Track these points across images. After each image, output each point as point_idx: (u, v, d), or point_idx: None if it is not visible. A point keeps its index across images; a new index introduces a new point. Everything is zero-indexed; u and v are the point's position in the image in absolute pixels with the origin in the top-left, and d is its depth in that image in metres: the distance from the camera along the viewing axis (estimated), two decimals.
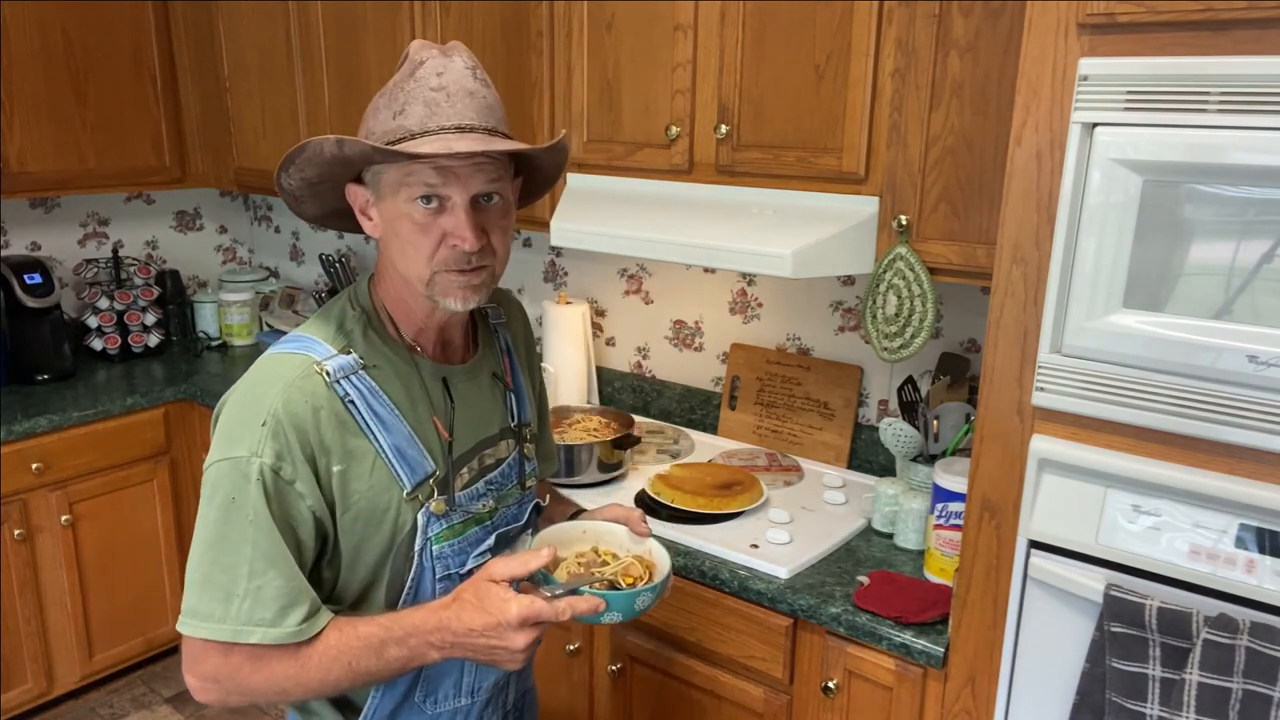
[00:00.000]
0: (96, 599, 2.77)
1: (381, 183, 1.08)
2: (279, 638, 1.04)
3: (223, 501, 1.04)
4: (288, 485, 1.05)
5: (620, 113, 2.06)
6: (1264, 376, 1.12)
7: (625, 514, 1.23)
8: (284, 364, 1.09)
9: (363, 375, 1.11)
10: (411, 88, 1.05)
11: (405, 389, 1.14)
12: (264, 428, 1.04)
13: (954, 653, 1.48)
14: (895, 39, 1.66)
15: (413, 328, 1.17)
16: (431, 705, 1.21)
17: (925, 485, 1.85)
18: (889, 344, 1.79)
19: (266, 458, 1.03)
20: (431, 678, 1.19)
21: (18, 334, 2.83)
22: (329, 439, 1.07)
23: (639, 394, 2.63)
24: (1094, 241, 1.21)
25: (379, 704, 1.18)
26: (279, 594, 1.04)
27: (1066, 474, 1.30)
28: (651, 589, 1.11)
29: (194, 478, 2.97)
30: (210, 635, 1.04)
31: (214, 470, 1.06)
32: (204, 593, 1.04)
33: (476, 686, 1.23)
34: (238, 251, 3.71)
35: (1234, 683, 1.14)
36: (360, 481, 1.09)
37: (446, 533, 1.16)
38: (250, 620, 1.03)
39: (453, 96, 1.05)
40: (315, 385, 1.07)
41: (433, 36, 2.37)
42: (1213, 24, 1.12)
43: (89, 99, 2.82)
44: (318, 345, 1.11)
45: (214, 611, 1.04)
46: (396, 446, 1.11)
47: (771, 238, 1.68)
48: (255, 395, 1.07)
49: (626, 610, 1.09)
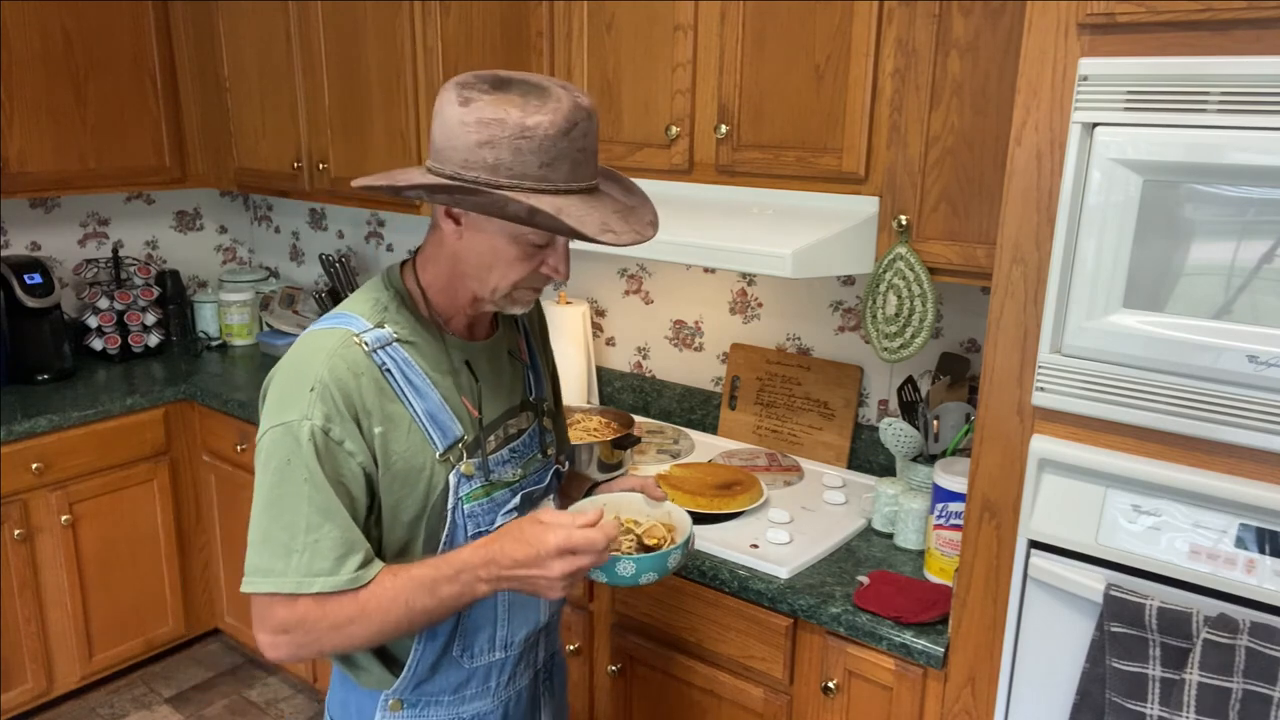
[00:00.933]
0: (96, 599, 2.77)
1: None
2: (338, 585, 1.11)
3: (278, 465, 1.12)
4: (337, 445, 1.13)
5: (620, 113, 2.06)
6: (1264, 376, 1.12)
7: (640, 482, 1.31)
8: (325, 337, 1.17)
9: (397, 347, 1.19)
10: (564, 146, 1.09)
11: (435, 362, 1.22)
12: (312, 393, 1.12)
13: (954, 653, 1.48)
14: (895, 39, 1.66)
15: (448, 309, 1.25)
16: (468, 659, 1.29)
17: (925, 485, 1.85)
18: (889, 344, 1.79)
19: (316, 419, 1.11)
20: (468, 631, 1.27)
21: (18, 334, 2.83)
22: (370, 402, 1.15)
23: (639, 394, 2.63)
24: (1094, 241, 1.21)
25: (421, 656, 1.25)
26: (335, 545, 1.11)
27: (1066, 474, 1.30)
28: (680, 547, 1.20)
29: (194, 478, 2.97)
30: (274, 589, 1.11)
31: (267, 437, 1.14)
32: (265, 550, 1.12)
33: (510, 640, 1.31)
34: (238, 251, 3.71)
35: (1234, 683, 1.14)
36: (398, 444, 1.17)
37: (477, 492, 1.24)
38: (310, 571, 1.11)
39: (588, 157, 1.12)
40: (355, 354, 1.15)
41: (433, 37, 2.37)
42: (1213, 24, 1.12)
43: (89, 99, 2.82)
44: (355, 320, 1.19)
45: (275, 567, 1.11)
46: (429, 412, 1.20)
47: (771, 238, 1.68)
48: (301, 365, 1.15)
49: (660, 569, 1.18)
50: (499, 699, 1.34)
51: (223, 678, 3.01)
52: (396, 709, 1.27)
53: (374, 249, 3.30)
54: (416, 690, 1.27)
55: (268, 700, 2.91)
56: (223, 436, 2.83)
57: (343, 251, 3.37)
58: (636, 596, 1.88)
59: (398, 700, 1.27)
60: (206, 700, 2.90)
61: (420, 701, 1.28)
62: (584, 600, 1.99)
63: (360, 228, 3.32)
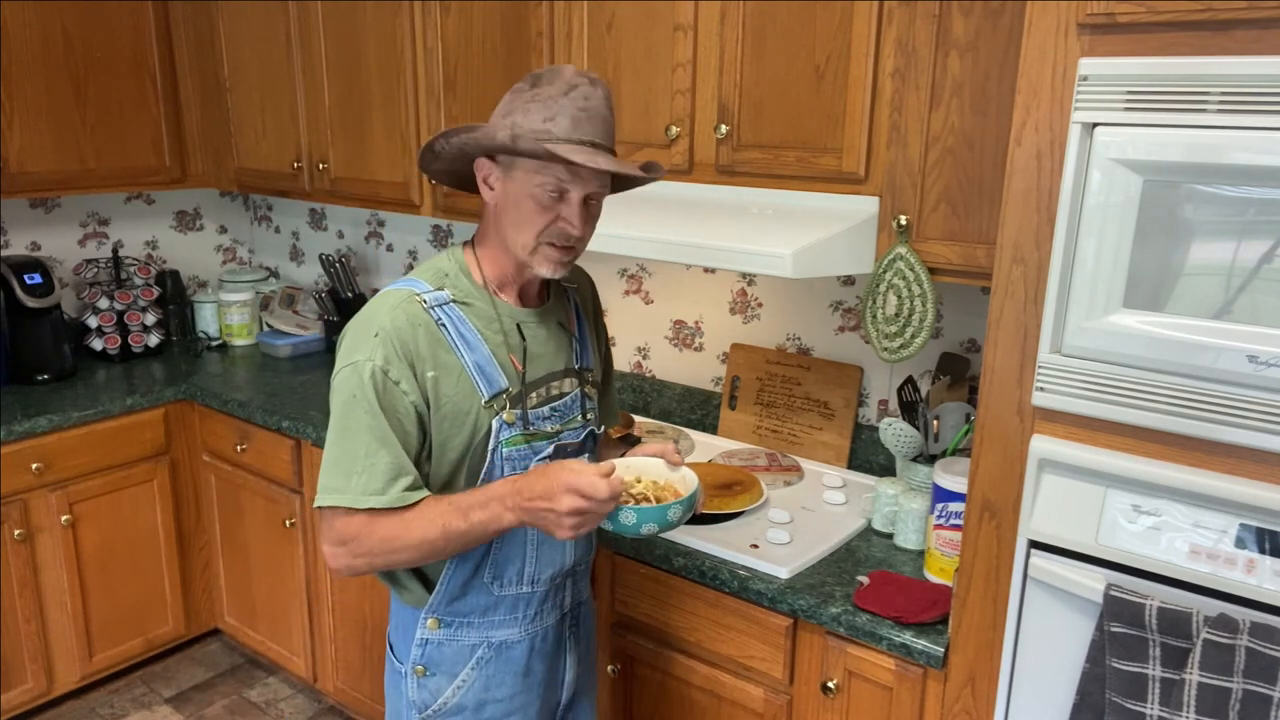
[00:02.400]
0: (96, 599, 2.77)
1: (516, 165, 1.32)
2: (387, 503, 1.29)
3: (345, 399, 1.30)
4: (394, 384, 1.30)
5: (620, 113, 2.05)
6: (1264, 376, 1.12)
7: (661, 449, 1.42)
8: (392, 295, 1.36)
9: (453, 307, 1.37)
10: (564, 103, 1.28)
11: (487, 323, 1.39)
12: (376, 339, 1.30)
13: (954, 653, 1.48)
14: (895, 39, 1.66)
15: (500, 277, 1.42)
16: (497, 587, 1.44)
17: (925, 485, 1.85)
18: (889, 344, 1.79)
19: (378, 360, 1.29)
20: (498, 562, 1.42)
21: (18, 334, 2.83)
22: (424, 351, 1.32)
23: (639, 394, 2.63)
24: (1094, 241, 1.21)
25: (451, 576, 1.41)
26: (388, 469, 1.29)
27: (1066, 474, 1.30)
28: (679, 503, 1.29)
29: (194, 478, 2.97)
30: (336, 503, 1.30)
31: (339, 376, 1.32)
32: (332, 471, 1.31)
33: (536, 577, 1.46)
34: (238, 251, 3.71)
35: (1234, 683, 1.14)
36: (449, 388, 1.34)
37: (516, 439, 1.39)
38: (366, 490, 1.29)
39: (593, 118, 1.30)
40: (415, 309, 1.34)
41: (433, 36, 2.37)
42: (1213, 24, 1.12)
43: (89, 99, 2.82)
44: (418, 283, 1.38)
45: (338, 485, 1.30)
46: (478, 364, 1.36)
47: (771, 238, 1.68)
48: (369, 317, 1.33)
49: (660, 520, 1.27)
50: (526, 631, 1.48)
51: (223, 678, 3.01)
52: (434, 627, 1.44)
53: (374, 249, 3.30)
54: (450, 608, 1.43)
55: (268, 700, 2.91)
56: (223, 436, 2.83)
57: (343, 251, 3.37)
58: (636, 596, 1.88)
59: (435, 619, 1.44)
60: (206, 700, 2.90)
61: (454, 621, 1.44)
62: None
63: (360, 228, 3.32)
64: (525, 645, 1.48)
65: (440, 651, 1.45)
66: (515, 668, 1.48)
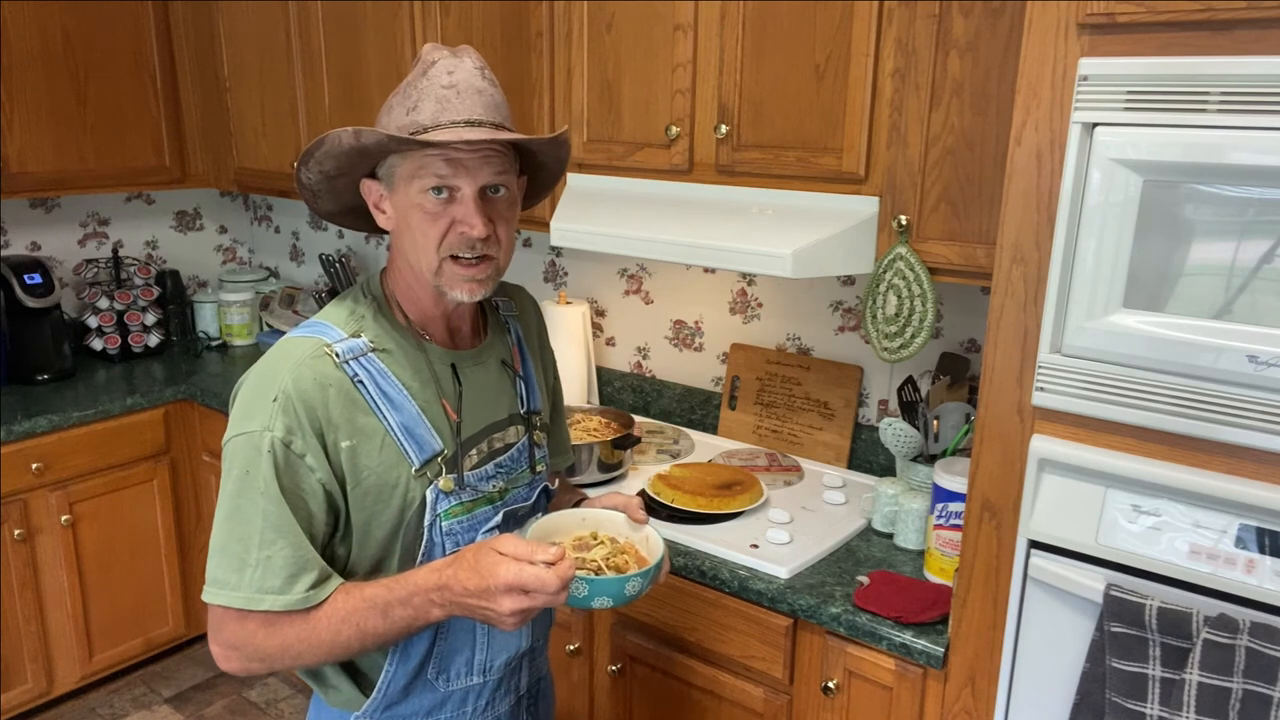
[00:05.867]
0: (96, 599, 2.77)
1: (395, 176, 1.14)
2: (287, 604, 1.08)
3: (238, 475, 1.10)
4: (298, 458, 1.10)
5: (620, 113, 2.06)
6: (1264, 376, 1.12)
7: (624, 502, 1.27)
8: (296, 346, 1.14)
9: (371, 358, 1.16)
10: (424, 85, 1.12)
11: (414, 372, 1.18)
12: (275, 403, 1.09)
13: (954, 653, 1.48)
14: (895, 39, 1.66)
15: (421, 315, 1.22)
16: (444, 682, 1.24)
17: (925, 485, 1.85)
18: (889, 344, 1.79)
19: (278, 431, 1.09)
20: (444, 654, 1.22)
21: (18, 334, 2.83)
22: (337, 416, 1.12)
23: (639, 394, 2.63)
24: (1094, 241, 1.21)
25: (393, 677, 1.20)
26: (287, 563, 1.09)
27: (1066, 474, 1.30)
28: (642, 574, 1.12)
29: (194, 478, 2.97)
30: (227, 603, 1.09)
31: (230, 446, 1.12)
32: (221, 562, 1.10)
33: (489, 665, 1.26)
34: (238, 251, 3.71)
35: (1234, 683, 1.14)
36: (370, 458, 1.14)
37: (456, 509, 1.19)
38: (261, 588, 1.08)
39: (462, 94, 1.11)
40: (325, 365, 1.12)
41: (433, 37, 2.37)
42: (1213, 24, 1.12)
43: (89, 99, 2.82)
44: (329, 329, 1.17)
45: (229, 579, 1.09)
46: (404, 425, 1.16)
47: (771, 238, 1.68)
48: (268, 374, 1.13)
49: (617, 595, 1.10)
50: None
51: (223, 678, 3.01)
52: None
53: (374, 249, 3.30)
54: (387, 712, 1.22)
55: (268, 700, 2.91)
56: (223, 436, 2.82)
57: (343, 251, 3.37)
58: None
59: None
60: (206, 700, 2.90)
61: None
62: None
63: None
64: None
65: None
66: None
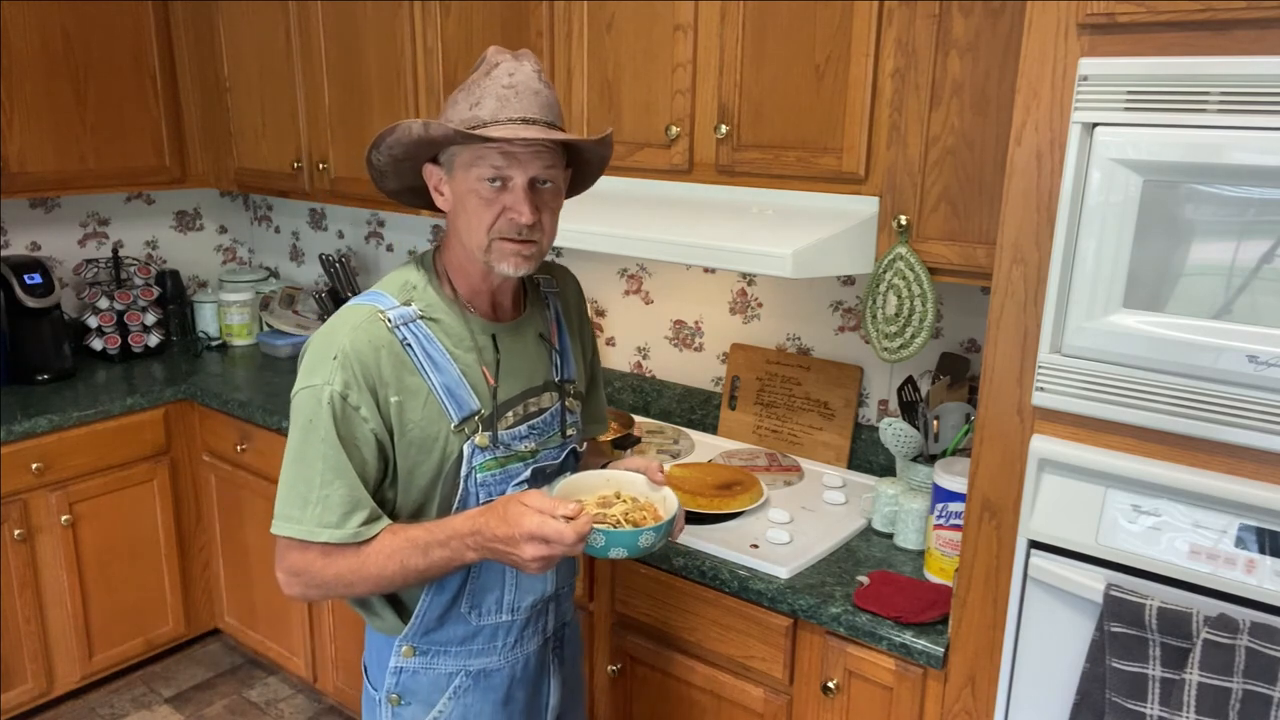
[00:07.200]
0: (96, 599, 2.77)
1: (455, 164, 1.27)
2: (342, 538, 1.24)
3: (303, 423, 1.25)
4: (354, 410, 1.24)
5: (620, 113, 2.06)
6: (1264, 376, 1.12)
7: (645, 464, 1.37)
8: (354, 312, 1.29)
9: (420, 324, 1.29)
10: (487, 84, 1.24)
11: (457, 339, 1.32)
12: (334, 361, 1.24)
13: (954, 653, 1.48)
14: (895, 39, 1.66)
15: (469, 289, 1.35)
16: (475, 616, 1.38)
17: (925, 485, 1.85)
18: (889, 344, 1.79)
19: (336, 385, 1.23)
20: (476, 591, 1.36)
21: (18, 334, 2.83)
22: (387, 374, 1.26)
23: (639, 394, 2.63)
24: (1094, 241, 1.21)
25: (428, 607, 1.35)
26: (343, 501, 1.24)
27: (1066, 474, 1.30)
28: (655, 529, 1.22)
29: (194, 477, 2.97)
30: (291, 534, 1.25)
31: (297, 398, 1.26)
32: (287, 498, 1.26)
33: (516, 605, 1.40)
34: (238, 251, 3.71)
35: (1234, 683, 1.14)
36: (415, 413, 1.28)
37: (490, 463, 1.33)
38: (320, 522, 1.24)
39: (521, 94, 1.23)
40: (378, 329, 1.27)
41: (433, 37, 2.37)
42: (1213, 24, 1.12)
43: (89, 99, 2.82)
44: (384, 298, 1.31)
45: (294, 514, 1.25)
46: (446, 385, 1.29)
47: (771, 238, 1.68)
48: (329, 336, 1.27)
49: (631, 547, 1.21)
50: (506, 659, 1.42)
51: (223, 678, 3.01)
52: (409, 655, 1.38)
53: (374, 249, 3.30)
54: (425, 638, 1.38)
55: (268, 700, 2.91)
56: (223, 436, 2.83)
57: (343, 251, 3.37)
58: (636, 596, 1.88)
59: (410, 647, 1.38)
60: (206, 700, 2.90)
61: (430, 650, 1.39)
62: (584, 600, 1.99)
63: (360, 228, 3.32)
64: (505, 673, 1.42)
65: (416, 680, 1.39)
66: (495, 696, 1.42)
